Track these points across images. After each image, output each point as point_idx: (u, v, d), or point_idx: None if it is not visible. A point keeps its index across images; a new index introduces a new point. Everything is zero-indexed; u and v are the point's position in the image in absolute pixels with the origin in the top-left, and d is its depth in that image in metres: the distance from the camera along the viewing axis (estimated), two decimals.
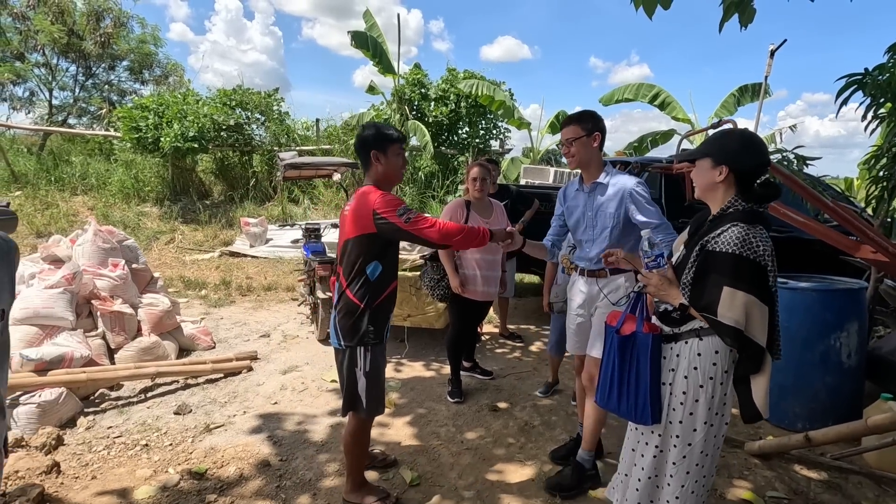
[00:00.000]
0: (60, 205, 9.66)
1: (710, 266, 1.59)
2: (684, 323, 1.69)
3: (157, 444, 2.84)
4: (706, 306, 1.57)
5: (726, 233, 1.57)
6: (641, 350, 1.73)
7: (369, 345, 2.18)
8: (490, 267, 3.38)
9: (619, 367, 1.77)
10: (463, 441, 2.97)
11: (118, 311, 3.76)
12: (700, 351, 1.65)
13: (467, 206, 3.38)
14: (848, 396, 3.05)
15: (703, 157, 1.69)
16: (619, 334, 1.78)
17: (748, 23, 2.88)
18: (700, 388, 1.65)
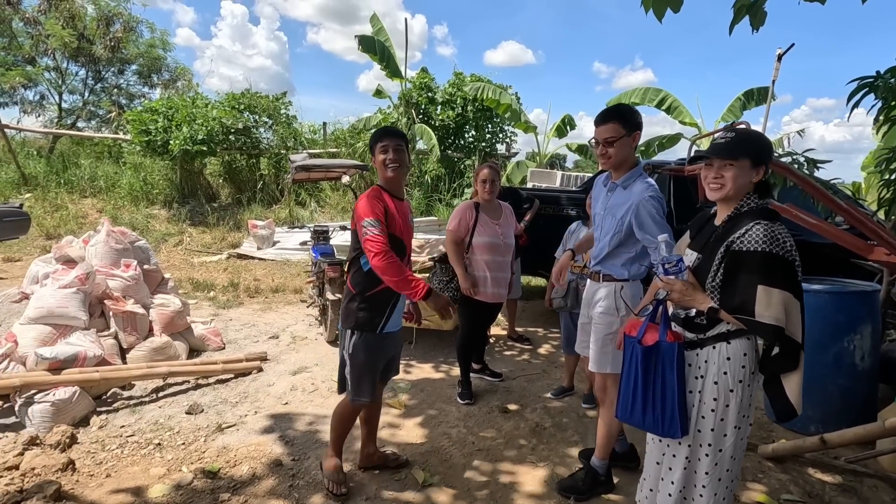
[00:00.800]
0: (70, 207, 9.75)
1: (739, 266, 1.56)
2: (710, 328, 1.65)
3: (169, 444, 2.85)
4: (739, 307, 1.55)
5: (751, 231, 1.55)
6: (667, 360, 1.67)
7: (356, 330, 2.31)
8: (500, 268, 3.37)
9: (642, 379, 1.70)
10: (474, 442, 2.97)
11: (130, 311, 3.79)
12: (730, 355, 1.63)
13: (476, 208, 3.38)
14: (862, 399, 3.03)
15: (743, 158, 1.63)
16: (642, 345, 1.70)
17: (759, 25, 2.88)
18: (730, 393, 1.63)
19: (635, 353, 1.73)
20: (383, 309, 2.34)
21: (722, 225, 1.67)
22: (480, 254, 3.32)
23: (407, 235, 2.43)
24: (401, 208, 2.39)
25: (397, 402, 3.45)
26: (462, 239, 3.35)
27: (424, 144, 10.35)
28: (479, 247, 3.32)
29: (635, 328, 1.78)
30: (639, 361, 1.70)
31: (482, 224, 3.33)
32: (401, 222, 2.35)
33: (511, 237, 3.46)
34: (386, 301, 2.34)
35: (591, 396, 3.50)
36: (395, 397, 3.53)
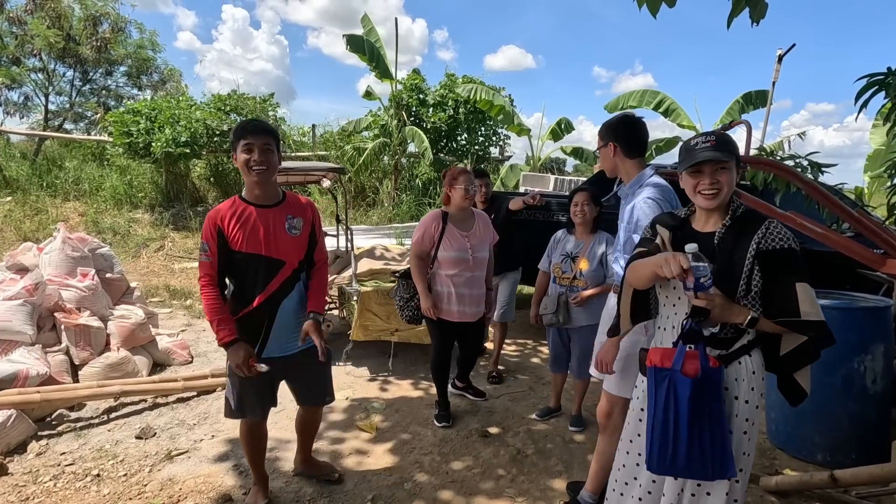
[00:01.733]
0: (50, 210, 9.47)
1: (773, 267, 1.45)
2: (736, 341, 1.52)
3: (109, 475, 2.58)
4: (782, 309, 1.44)
5: (771, 230, 1.48)
6: (715, 390, 1.45)
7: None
8: (467, 285, 3.03)
9: (687, 418, 1.43)
10: (448, 472, 2.70)
11: (84, 325, 3.52)
12: (754, 368, 1.52)
13: (444, 218, 3.06)
14: (873, 425, 2.77)
15: (732, 158, 1.53)
16: (689, 376, 1.44)
17: (760, 18, 2.63)
18: (756, 409, 1.51)
19: (675, 387, 1.46)
20: (255, 333, 2.13)
21: (725, 231, 1.54)
22: (445, 269, 3.02)
23: (278, 248, 2.10)
24: (267, 217, 2.09)
25: (368, 424, 3.18)
26: (427, 253, 3.05)
27: (416, 147, 10.10)
28: (444, 261, 3.02)
29: (668, 358, 1.50)
30: (685, 398, 1.43)
31: (449, 236, 3.02)
32: (258, 235, 2.06)
33: (484, 251, 3.10)
34: (256, 325, 2.12)
35: (578, 419, 3.24)
36: (367, 419, 3.26)
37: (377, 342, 4.21)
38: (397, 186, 10.53)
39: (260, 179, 2.04)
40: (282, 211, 2.14)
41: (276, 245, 2.10)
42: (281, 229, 2.11)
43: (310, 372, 2.30)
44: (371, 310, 3.98)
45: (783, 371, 1.54)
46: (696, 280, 1.39)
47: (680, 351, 1.48)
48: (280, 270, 2.12)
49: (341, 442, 2.99)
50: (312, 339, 2.14)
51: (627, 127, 2.18)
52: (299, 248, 2.18)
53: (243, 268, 2.09)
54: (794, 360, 1.50)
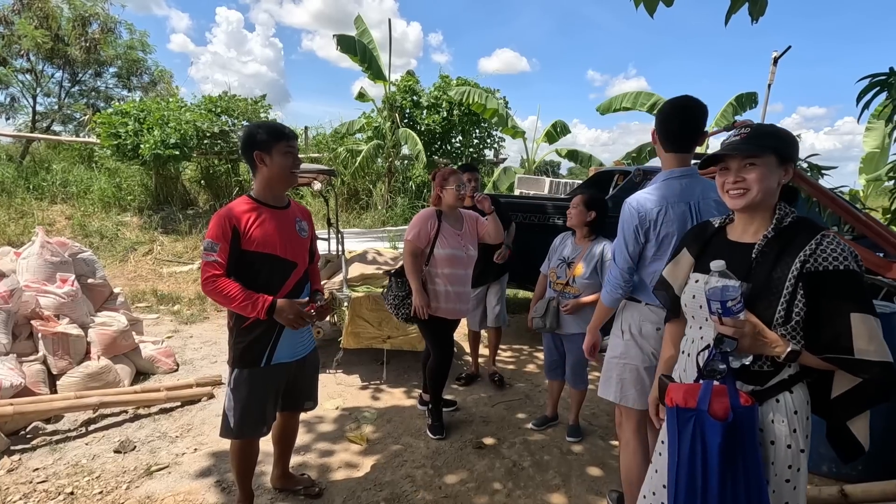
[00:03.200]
0: (36, 214, 9.28)
1: (821, 291, 1.21)
2: (775, 375, 1.29)
3: (84, 492, 2.44)
4: (830, 344, 1.20)
5: (825, 246, 1.23)
6: (748, 433, 1.23)
7: (236, 367, 2.09)
8: (461, 282, 3.03)
9: (720, 469, 1.22)
10: (441, 486, 2.59)
11: (62, 333, 3.37)
12: (797, 407, 1.28)
13: (438, 216, 3.02)
14: (880, 435, 2.65)
15: (768, 153, 1.29)
16: (718, 418, 1.22)
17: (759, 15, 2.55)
18: (801, 454, 1.28)
19: (703, 433, 1.23)
20: (265, 338, 2.08)
21: (766, 243, 1.31)
22: (441, 267, 2.98)
23: (293, 250, 2.11)
24: (281, 219, 2.08)
25: (359, 436, 3.06)
26: (422, 250, 3.01)
27: (409, 150, 10.00)
28: (440, 259, 2.98)
29: (692, 396, 1.27)
30: (714, 445, 1.22)
31: (444, 234, 2.99)
32: (274, 237, 2.03)
33: (475, 249, 3.11)
34: (267, 329, 2.06)
35: (576, 428, 3.14)
36: (358, 430, 3.14)
37: (369, 349, 4.10)
38: (391, 189, 10.42)
39: (294, 182, 2.10)
40: (292, 213, 2.15)
41: (292, 246, 2.10)
42: (293, 231, 2.12)
43: (303, 377, 2.29)
44: (362, 316, 3.86)
45: (833, 418, 1.29)
46: (723, 304, 1.20)
47: (706, 388, 1.26)
48: (294, 271, 2.11)
49: (330, 455, 2.87)
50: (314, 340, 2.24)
51: (667, 112, 1.92)
52: (307, 250, 2.22)
53: (257, 269, 2.02)
54: (848, 406, 1.25)
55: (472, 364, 4.08)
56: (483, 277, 3.74)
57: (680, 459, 1.29)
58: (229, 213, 1.99)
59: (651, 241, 1.90)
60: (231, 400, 2.09)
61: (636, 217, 1.89)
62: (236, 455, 2.20)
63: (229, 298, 1.95)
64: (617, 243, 1.98)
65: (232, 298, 1.95)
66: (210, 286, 1.96)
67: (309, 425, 3.17)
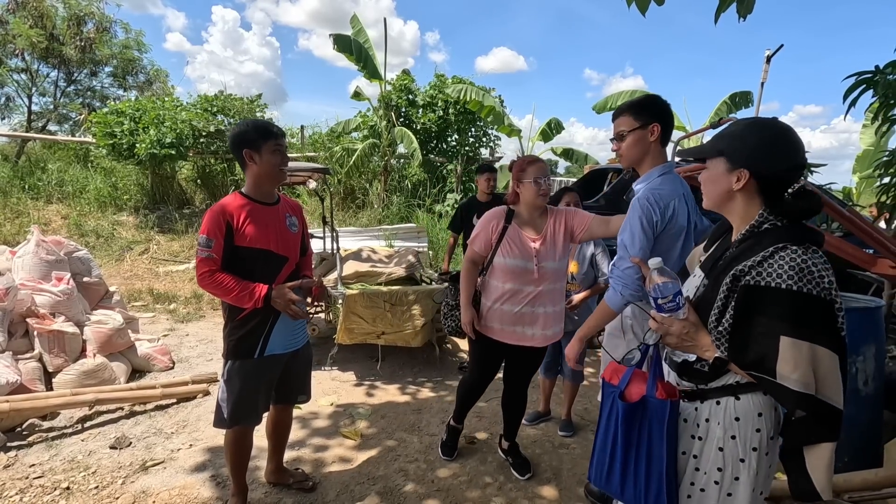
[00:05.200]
0: (32, 213, 9.28)
1: (755, 307, 1.15)
2: (715, 377, 1.28)
3: (80, 488, 2.47)
4: (756, 362, 1.15)
5: (774, 260, 1.14)
6: (655, 421, 1.30)
7: (230, 358, 2.13)
8: (530, 302, 2.36)
9: (623, 441, 1.34)
10: (434, 480, 2.63)
11: (57, 330, 3.39)
12: (739, 414, 1.25)
13: (509, 216, 2.41)
14: (865, 428, 2.72)
15: (717, 156, 1.27)
16: (625, 400, 1.34)
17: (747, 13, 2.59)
18: (741, 463, 1.25)
19: (615, 409, 1.36)
20: (259, 330, 2.12)
21: (733, 246, 1.27)
22: (500, 279, 2.38)
23: (284, 245, 2.15)
24: (271, 215, 2.12)
25: (353, 431, 3.09)
26: (482, 258, 2.46)
27: (405, 148, 10.01)
28: (499, 270, 2.39)
29: (617, 375, 1.41)
30: (619, 420, 1.34)
31: (510, 240, 2.36)
32: (266, 232, 2.08)
33: (556, 261, 2.37)
34: (261, 321, 2.11)
35: (568, 423, 3.17)
36: (352, 426, 3.17)
37: (364, 346, 4.14)
38: (387, 188, 10.43)
39: (283, 179, 2.13)
40: (281, 209, 2.19)
41: (283, 241, 2.15)
42: (283, 226, 2.16)
43: (297, 371, 2.34)
44: (357, 312, 3.89)
45: (787, 440, 1.22)
46: (655, 300, 1.25)
47: (629, 371, 1.38)
48: (285, 266, 2.16)
49: (324, 450, 2.90)
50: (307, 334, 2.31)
51: (667, 108, 1.90)
52: (298, 244, 2.26)
53: (250, 264, 2.06)
54: (800, 431, 1.18)
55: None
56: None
57: (599, 425, 1.44)
58: (223, 209, 2.03)
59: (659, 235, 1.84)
60: (224, 391, 2.14)
61: (657, 212, 1.81)
62: (230, 447, 2.24)
63: (226, 290, 2.00)
64: (631, 240, 1.82)
65: (229, 290, 2.00)
66: (207, 280, 2.00)
67: (304, 421, 3.20)
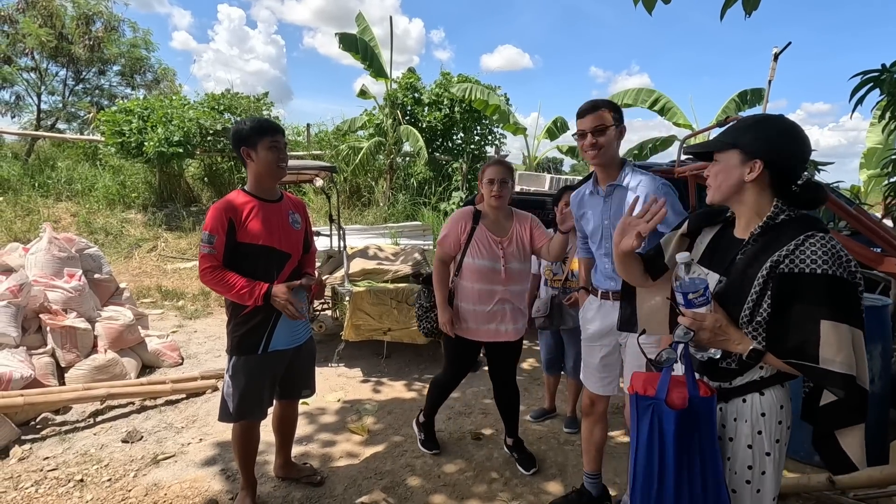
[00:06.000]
0: (42, 211, 9.38)
1: (793, 294, 1.16)
2: (743, 372, 1.28)
3: (93, 480, 2.52)
4: (797, 349, 1.15)
5: (805, 248, 1.16)
6: (705, 423, 1.24)
7: (234, 354, 2.16)
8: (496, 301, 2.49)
9: (675, 453, 1.23)
10: (440, 475, 2.65)
11: (70, 326, 3.45)
12: (764, 409, 1.26)
13: (476, 216, 2.53)
14: (871, 427, 2.70)
15: (730, 149, 1.27)
16: (673, 407, 1.24)
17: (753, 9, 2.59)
18: (767, 457, 1.26)
19: (661, 421, 1.25)
20: (262, 327, 2.15)
21: (752, 239, 1.27)
22: (470, 280, 2.49)
23: (287, 241, 2.18)
24: (274, 212, 2.15)
25: (360, 427, 3.12)
26: (451, 257, 2.55)
27: (410, 147, 10.05)
28: (468, 271, 2.50)
29: (651, 385, 1.30)
30: (670, 432, 1.23)
31: (478, 241, 2.47)
32: (268, 229, 2.11)
33: (519, 262, 2.52)
34: (264, 318, 2.13)
35: (573, 420, 3.19)
36: (360, 421, 3.21)
37: (370, 342, 4.17)
38: (392, 186, 10.47)
39: (282, 176, 2.15)
40: (284, 206, 2.22)
41: (286, 238, 2.17)
42: (286, 223, 2.19)
43: (301, 366, 2.37)
44: (363, 309, 3.92)
45: (818, 425, 1.24)
46: (685, 295, 1.22)
47: (664, 376, 1.27)
48: (288, 262, 2.19)
49: (332, 445, 2.94)
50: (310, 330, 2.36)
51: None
52: (301, 241, 2.28)
53: (253, 260, 2.09)
54: (833, 417, 1.21)
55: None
56: None
57: (639, 445, 1.31)
58: (226, 205, 2.06)
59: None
60: (230, 386, 2.16)
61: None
62: (237, 441, 2.27)
63: (228, 287, 2.04)
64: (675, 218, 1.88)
65: (230, 286, 2.03)
66: (209, 276, 2.03)
67: (311, 417, 3.24)
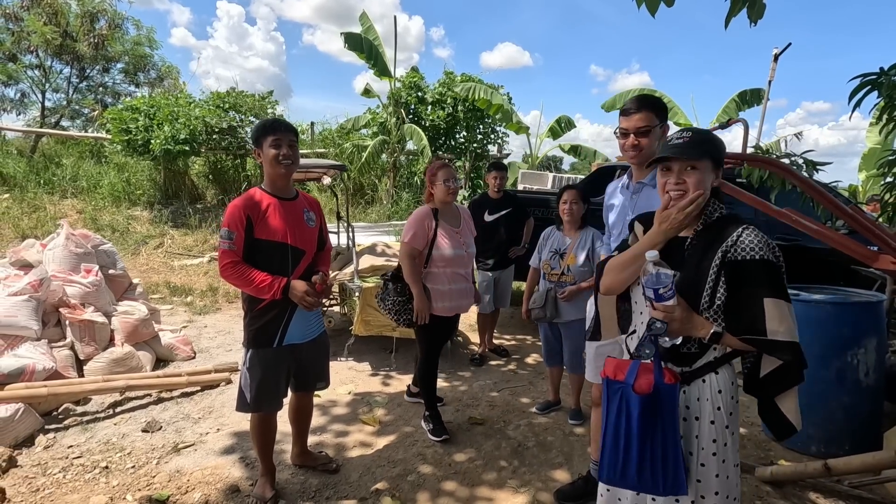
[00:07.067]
0: (48, 208, 9.46)
1: (741, 279, 1.34)
2: (702, 355, 1.43)
3: (118, 467, 2.62)
4: (749, 327, 1.33)
5: (744, 238, 1.35)
6: (668, 407, 1.38)
7: (250, 347, 2.26)
8: (462, 280, 3.02)
9: (638, 434, 1.38)
10: (451, 464, 2.75)
11: (88, 320, 3.54)
12: (721, 387, 1.42)
13: (435, 214, 2.95)
14: (866, 417, 2.83)
15: (706, 158, 1.43)
16: (639, 393, 1.39)
17: (758, 18, 2.67)
18: (726, 430, 1.41)
19: (626, 403, 1.40)
20: (277, 321, 2.24)
21: (696, 235, 1.45)
22: (443, 266, 2.93)
23: (301, 238, 2.27)
24: (289, 209, 2.24)
25: (371, 418, 3.22)
26: (419, 252, 2.92)
27: (414, 145, 10.13)
28: (440, 259, 2.92)
29: (622, 370, 1.44)
30: (635, 414, 1.38)
31: (444, 233, 2.92)
32: (285, 225, 2.20)
33: (472, 245, 3.11)
34: (279, 312, 2.23)
35: (577, 412, 3.29)
36: (370, 413, 3.31)
37: (378, 338, 4.27)
38: (395, 184, 10.56)
39: (286, 172, 2.21)
40: (299, 204, 2.31)
41: (300, 235, 2.25)
42: (301, 221, 2.27)
43: (316, 360, 2.46)
44: (372, 305, 4.01)
45: (763, 394, 1.42)
46: (655, 290, 1.33)
47: (634, 364, 1.43)
48: (302, 259, 2.27)
49: (345, 435, 3.04)
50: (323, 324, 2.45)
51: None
52: (315, 239, 2.36)
53: (268, 256, 2.18)
54: (774, 383, 1.39)
55: (482, 344, 4.49)
56: (495, 266, 4.26)
57: (608, 424, 1.45)
58: (244, 202, 2.16)
59: None
60: (247, 378, 2.26)
61: None
62: (256, 430, 2.37)
63: (248, 281, 2.14)
64: None
65: (250, 281, 2.13)
66: (229, 271, 2.14)
67: (324, 408, 3.34)
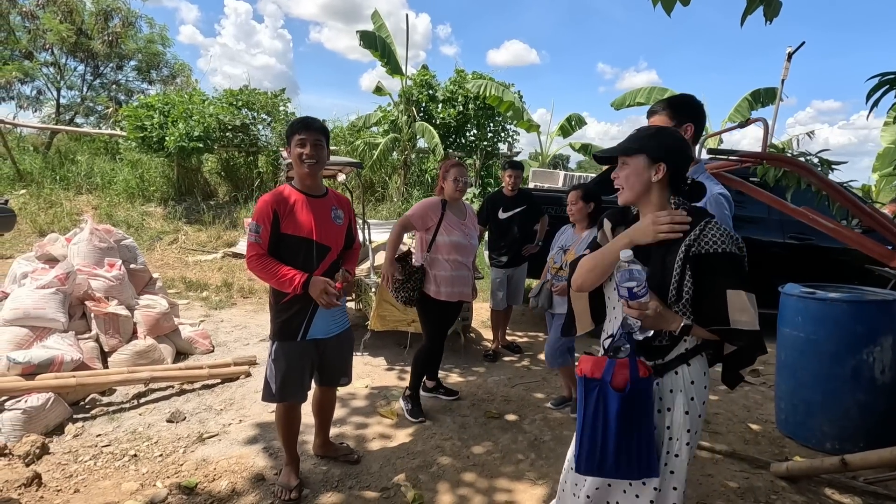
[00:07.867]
0: (64, 203, 9.61)
1: (704, 271, 1.38)
2: (673, 348, 1.47)
3: (146, 455, 2.69)
4: (714, 318, 1.39)
5: (707, 231, 1.40)
6: (643, 401, 1.41)
7: (275, 339, 2.33)
8: (463, 268, 3.21)
9: (616, 428, 1.40)
10: (469, 456, 2.81)
11: (112, 313, 3.63)
12: (693, 378, 1.47)
13: (443, 206, 3.19)
14: (881, 415, 2.85)
15: (637, 154, 1.46)
16: (617, 390, 1.40)
17: (773, 16, 2.69)
18: (699, 419, 1.48)
19: (604, 400, 1.42)
20: (301, 315, 2.30)
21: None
22: (446, 253, 3.15)
23: (327, 235, 2.31)
24: (317, 206, 2.29)
25: (389, 411, 3.28)
26: (411, 229, 3.21)
27: (426, 143, 10.18)
28: (444, 246, 3.15)
29: (598, 368, 1.45)
30: (613, 410, 1.40)
31: (449, 223, 3.17)
32: (311, 222, 2.25)
33: (475, 238, 3.33)
34: (302, 307, 2.28)
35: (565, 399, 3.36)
36: (388, 406, 3.37)
37: (393, 333, 4.33)
38: (406, 182, 10.62)
39: (310, 171, 2.25)
40: (328, 202, 2.35)
41: (326, 232, 2.30)
42: (328, 218, 2.32)
43: (339, 355, 2.51)
44: (388, 300, 4.07)
45: (727, 366, 1.54)
46: (630, 289, 1.34)
47: (610, 362, 1.44)
48: (327, 255, 2.32)
49: (365, 427, 3.10)
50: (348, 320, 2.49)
51: (701, 109, 1.96)
52: (342, 236, 2.40)
53: (294, 251, 2.24)
54: (734, 362, 1.52)
55: (495, 340, 4.60)
56: (509, 263, 4.33)
57: (585, 421, 1.46)
58: (272, 198, 2.22)
59: None
60: (272, 369, 2.33)
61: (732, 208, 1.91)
62: (281, 420, 2.44)
63: (271, 274, 2.20)
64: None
65: (273, 274, 2.19)
66: (255, 263, 2.20)
67: (343, 402, 3.40)
